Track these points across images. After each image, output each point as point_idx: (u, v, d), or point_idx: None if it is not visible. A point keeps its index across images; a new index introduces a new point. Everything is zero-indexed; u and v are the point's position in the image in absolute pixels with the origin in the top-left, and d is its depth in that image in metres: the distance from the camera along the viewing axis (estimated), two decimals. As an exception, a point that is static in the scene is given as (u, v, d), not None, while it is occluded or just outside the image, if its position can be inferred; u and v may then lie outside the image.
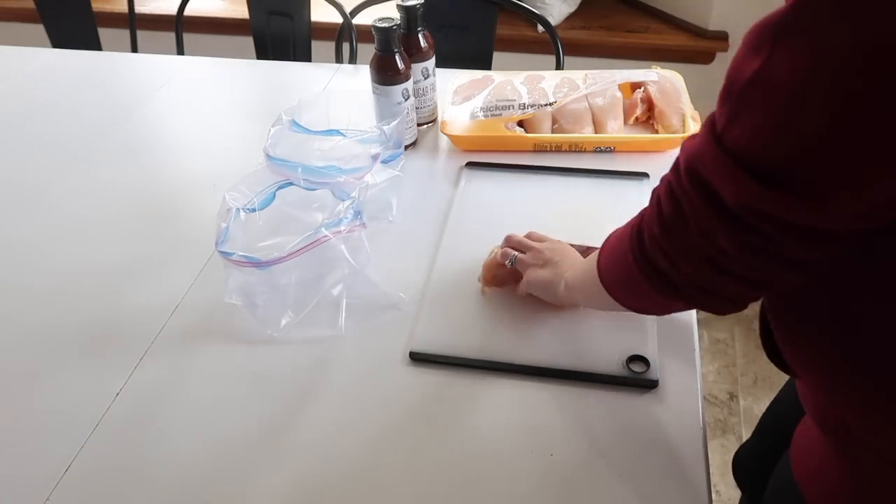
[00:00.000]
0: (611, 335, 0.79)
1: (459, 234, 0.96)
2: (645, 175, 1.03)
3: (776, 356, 0.60)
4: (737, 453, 1.04)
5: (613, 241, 0.64)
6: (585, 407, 0.74)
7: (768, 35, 0.40)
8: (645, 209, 0.56)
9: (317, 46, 1.72)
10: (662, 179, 0.53)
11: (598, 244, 0.85)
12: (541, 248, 0.82)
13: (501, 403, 0.75)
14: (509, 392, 0.76)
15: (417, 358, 0.80)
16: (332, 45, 1.63)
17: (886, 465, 0.54)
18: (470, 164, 1.09)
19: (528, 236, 0.86)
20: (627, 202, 0.98)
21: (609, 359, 0.77)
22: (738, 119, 0.43)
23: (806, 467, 0.64)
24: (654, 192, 0.54)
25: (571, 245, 0.83)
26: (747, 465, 1.01)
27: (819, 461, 0.62)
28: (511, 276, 0.85)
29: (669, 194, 0.51)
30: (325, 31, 1.82)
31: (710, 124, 0.46)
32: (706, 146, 0.45)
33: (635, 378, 0.75)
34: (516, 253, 0.83)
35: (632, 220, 0.59)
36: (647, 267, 0.55)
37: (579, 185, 1.02)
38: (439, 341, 0.81)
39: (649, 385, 0.74)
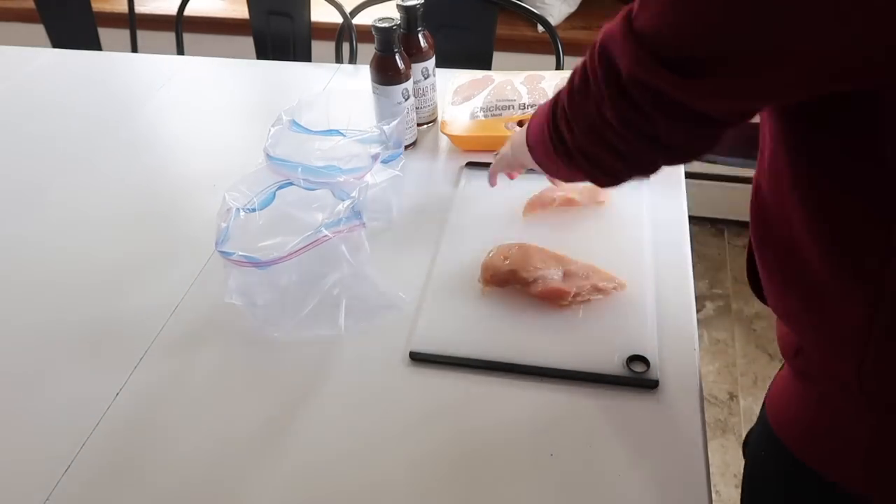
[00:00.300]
0: (611, 335, 0.79)
1: (459, 234, 0.96)
2: (645, 175, 1.03)
3: (760, 290, 0.64)
4: (747, 435, 1.05)
5: (540, 110, 0.70)
6: (585, 407, 0.74)
7: None
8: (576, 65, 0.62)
9: (317, 46, 1.72)
10: (581, 59, 0.58)
11: (594, 246, 0.86)
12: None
13: (501, 403, 0.75)
14: (509, 392, 0.76)
15: (417, 358, 0.79)
16: (332, 45, 1.63)
17: (838, 386, 0.57)
18: (470, 164, 1.09)
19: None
20: (626, 201, 0.98)
21: (609, 359, 0.77)
22: (647, 7, 0.48)
23: (774, 399, 0.67)
24: (575, 68, 0.60)
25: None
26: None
27: (784, 391, 0.65)
28: (511, 276, 0.85)
29: (582, 69, 0.57)
30: (325, 31, 1.82)
31: (627, 10, 0.51)
32: (618, 26, 0.51)
33: (635, 378, 0.75)
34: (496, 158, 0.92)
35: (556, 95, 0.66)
36: (554, 130, 0.63)
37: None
38: (439, 341, 0.81)
39: (649, 385, 0.74)
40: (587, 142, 0.59)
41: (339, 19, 1.59)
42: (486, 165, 1.07)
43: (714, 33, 0.44)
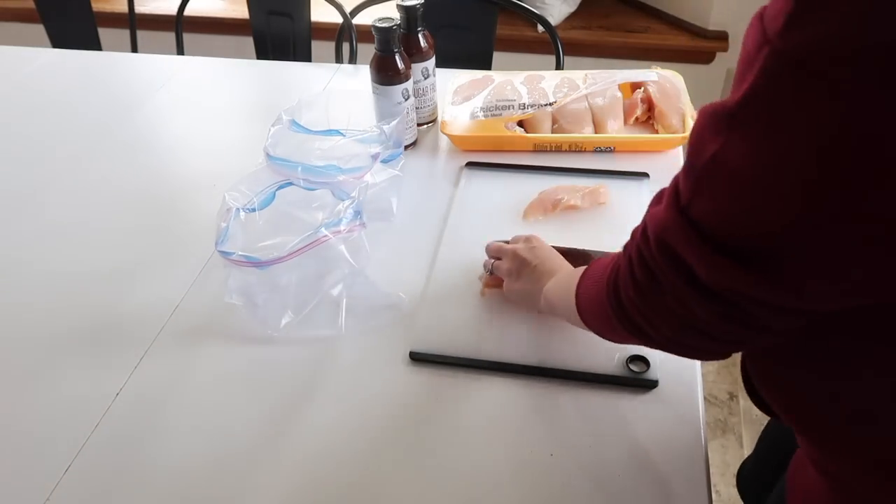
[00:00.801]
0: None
1: (459, 234, 0.96)
2: (645, 175, 1.03)
3: (758, 398, 0.60)
4: (740, 468, 1.04)
5: (591, 285, 0.63)
6: (586, 407, 0.74)
7: (723, 120, 0.40)
8: (628, 244, 0.55)
9: (317, 46, 1.72)
10: (633, 238, 0.53)
11: (595, 246, 0.85)
12: (517, 252, 0.80)
13: (502, 403, 0.75)
14: (508, 392, 0.76)
15: (417, 358, 0.80)
16: (332, 45, 1.63)
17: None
18: (470, 164, 1.09)
19: (513, 240, 0.85)
20: (627, 202, 0.98)
21: (609, 359, 0.77)
22: (702, 196, 0.43)
23: (799, 496, 0.63)
24: (626, 250, 0.54)
25: (554, 247, 0.82)
26: (749, 481, 1.01)
27: (810, 492, 0.60)
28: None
29: (641, 261, 0.51)
30: (325, 31, 1.82)
31: (674, 194, 0.46)
32: (672, 218, 0.46)
33: (635, 378, 0.75)
34: (493, 260, 0.83)
35: (611, 258, 0.59)
36: (626, 321, 0.56)
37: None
38: (439, 341, 0.81)
39: (649, 385, 0.74)
40: (679, 335, 0.52)
41: (339, 19, 1.59)
42: (486, 165, 1.08)
43: (783, 235, 0.39)
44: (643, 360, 0.76)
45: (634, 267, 0.52)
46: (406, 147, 1.11)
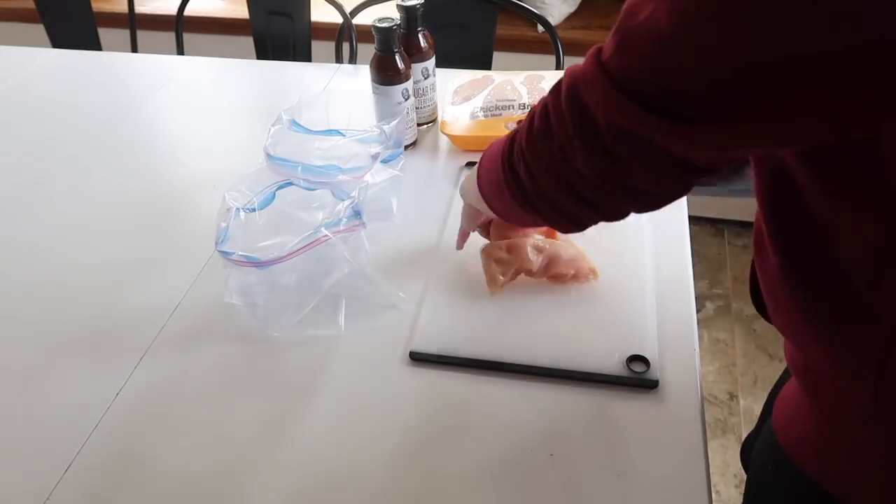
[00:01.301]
0: (611, 335, 0.79)
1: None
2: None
3: (763, 307, 0.62)
4: (744, 443, 1.04)
5: (495, 146, 0.66)
6: (586, 407, 0.74)
7: None
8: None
9: (317, 46, 1.72)
10: (541, 99, 0.56)
11: (596, 245, 0.86)
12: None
13: (501, 403, 0.75)
14: (509, 392, 0.76)
15: (417, 358, 0.79)
16: (332, 45, 1.63)
17: (852, 407, 0.56)
18: (470, 164, 1.09)
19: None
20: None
21: (609, 359, 0.77)
22: (625, 53, 0.46)
23: (783, 415, 0.66)
24: (531, 108, 0.57)
25: None
26: (749, 448, 1.01)
27: (794, 408, 0.63)
28: (516, 272, 0.84)
29: (543, 112, 0.54)
30: (325, 31, 1.82)
31: (596, 52, 0.49)
32: (590, 69, 0.48)
33: (635, 378, 0.75)
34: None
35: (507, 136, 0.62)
36: (511, 174, 0.59)
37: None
38: (439, 341, 0.81)
39: (649, 385, 0.74)
40: (551, 189, 0.56)
41: (339, 19, 1.59)
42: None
43: (707, 76, 0.42)
44: (643, 361, 0.76)
45: (535, 118, 0.55)
46: (406, 147, 1.11)
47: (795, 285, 0.55)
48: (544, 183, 0.56)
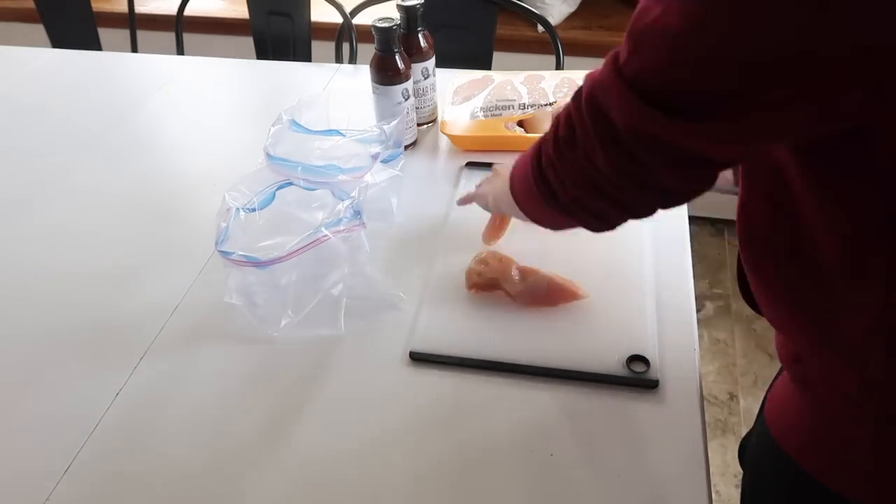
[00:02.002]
0: (611, 335, 0.79)
1: (459, 234, 0.96)
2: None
3: (750, 297, 0.64)
4: (742, 441, 1.04)
5: (524, 156, 0.67)
6: (586, 407, 0.74)
7: None
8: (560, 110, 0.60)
9: (317, 46, 1.72)
10: (564, 106, 0.57)
11: (596, 245, 0.86)
12: (485, 178, 0.86)
13: (501, 403, 0.75)
14: (509, 392, 0.76)
15: (417, 358, 0.79)
16: (332, 45, 1.63)
17: (839, 396, 0.57)
18: (470, 164, 1.08)
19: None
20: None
21: (609, 359, 0.77)
22: (638, 54, 0.47)
23: (775, 408, 0.67)
24: (555, 116, 0.59)
25: None
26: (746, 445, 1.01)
27: (785, 399, 0.65)
28: (493, 283, 0.85)
29: (567, 118, 0.56)
30: (325, 31, 1.82)
31: (613, 58, 0.50)
32: (607, 76, 0.49)
33: (636, 378, 0.75)
34: (475, 192, 0.88)
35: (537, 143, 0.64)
36: (541, 180, 0.61)
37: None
38: (439, 341, 0.81)
39: (649, 385, 0.74)
40: (580, 192, 0.58)
41: (339, 19, 1.59)
42: (486, 165, 1.08)
43: (718, 72, 0.43)
44: (643, 360, 0.76)
45: (559, 125, 0.57)
46: (406, 147, 1.11)
47: (781, 278, 0.57)
48: (574, 188, 0.58)
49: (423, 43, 1.10)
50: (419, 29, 1.09)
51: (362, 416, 0.75)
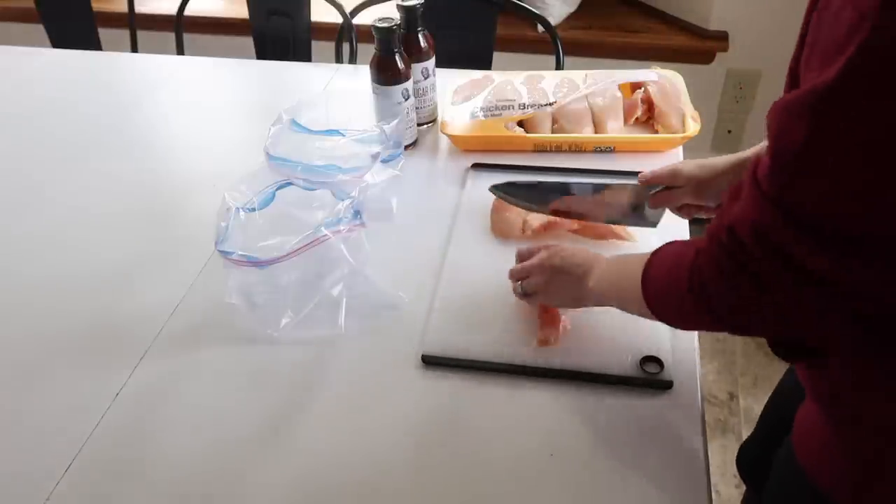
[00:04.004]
0: (624, 336, 0.79)
1: (469, 236, 0.95)
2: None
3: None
4: (741, 448, 1.03)
5: (661, 285, 0.63)
6: (593, 408, 0.74)
7: (811, 105, 0.43)
8: (696, 246, 0.57)
9: (317, 46, 1.72)
10: (715, 238, 0.54)
11: (604, 251, 0.84)
12: (543, 264, 0.78)
13: (512, 406, 0.75)
14: (520, 394, 0.76)
15: (430, 361, 0.79)
16: (332, 45, 1.63)
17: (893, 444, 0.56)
18: (476, 166, 1.08)
19: (528, 253, 0.83)
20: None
21: (623, 360, 0.77)
22: (798, 183, 0.45)
23: (809, 448, 0.65)
24: (707, 253, 0.55)
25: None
26: (753, 461, 1.00)
27: (823, 441, 0.62)
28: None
29: (732, 259, 0.52)
30: (325, 31, 1.82)
31: (758, 188, 0.48)
32: (766, 211, 0.47)
33: (650, 379, 0.75)
34: (521, 282, 0.81)
35: (673, 256, 0.60)
36: (714, 317, 0.57)
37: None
38: (451, 344, 0.80)
39: (664, 386, 0.74)
40: (770, 328, 0.56)
41: (339, 19, 1.59)
42: (492, 167, 1.07)
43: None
44: (657, 362, 0.76)
45: (724, 266, 0.53)
46: (406, 147, 1.11)
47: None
48: (774, 327, 0.56)
49: (423, 43, 1.10)
50: (419, 29, 1.09)
51: (362, 416, 0.75)
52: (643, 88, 1.13)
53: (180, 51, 1.77)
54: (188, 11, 1.75)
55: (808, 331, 0.53)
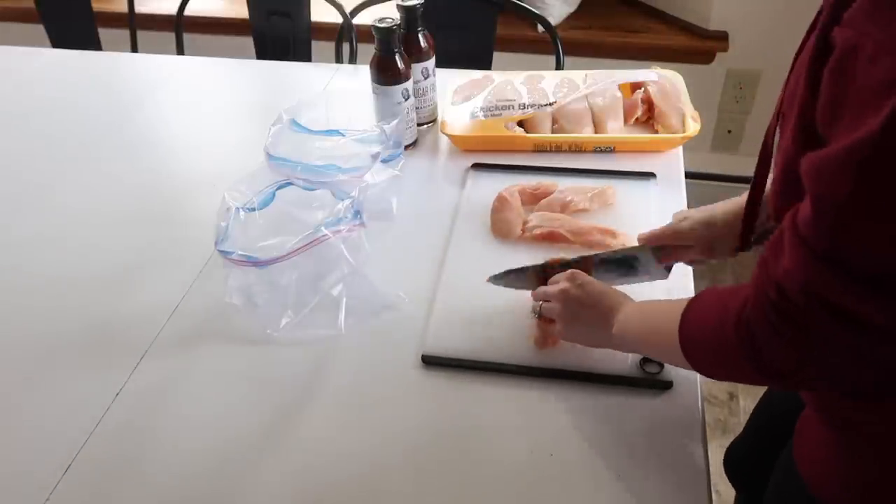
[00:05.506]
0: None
1: (469, 236, 0.95)
2: (652, 175, 1.02)
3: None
4: (728, 450, 1.02)
5: (702, 337, 0.61)
6: (594, 408, 0.74)
7: (851, 161, 0.43)
8: (742, 295, 0.55)
9: (317, 46, 1.72)
10: (760, 292, 0.52)
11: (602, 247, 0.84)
12: (567, 294, 0.75)
13: (504, 404, 0.75)
14: (521, 395, 0.76)
15: (430, 361, 0.79)
16: (332, 45, 1.63)
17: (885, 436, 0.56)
18: (476, 166, 1.08)
19: (553, 280, 0.80)
20: (634, 202, 0.98)
21: (623, 360, 0.77)
22: (846, 237, 0.45)
23: (810, 459, 0.64)
24: (756, 308, 0.53)
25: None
26: (741, 463, 1.00)
27: (824, 452, 0.62)
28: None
29: (782, 316, 0.51)
30: (325, 31, 1.82)
31: (803, 244, 0.47)
32: (818, 271, 0.47)
33: (650, 379, 0.75)
34: (540, 303, 0.79)
35: (723, 308, 0.58)
36: (756, 367, 0.55)
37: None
38: (451, 344, 0.81)
39: (664, 386, 0.74)
40: (839, 382, 0.55)
41: (339, 19, 1.59)
42: (492, 167, 1.07)
43: None
44: (657, 362, 0.76)
45: (775, 323, 0.51)
46: (406, 147, 1.11)
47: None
48: (825, 382, 0.55)
49: (423, 43, 1.10)
50: (419, 29, 1.09)
51: (362, 416, 0.75)
52: (643, 88, 1.13)
53: (180, 51, 1.77)
54: (188, 11, 1.75)
55: (863, 380, 0.53)
